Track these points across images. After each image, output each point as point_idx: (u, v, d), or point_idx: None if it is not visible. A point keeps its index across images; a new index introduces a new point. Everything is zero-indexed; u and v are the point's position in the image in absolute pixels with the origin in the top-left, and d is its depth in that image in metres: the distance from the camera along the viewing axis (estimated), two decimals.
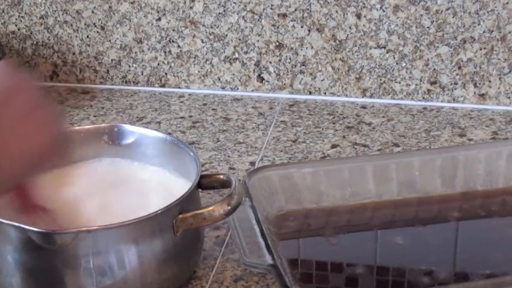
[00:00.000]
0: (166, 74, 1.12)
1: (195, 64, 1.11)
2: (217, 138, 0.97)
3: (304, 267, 0.73)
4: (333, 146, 0.95)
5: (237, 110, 1.06)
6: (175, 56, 1.11)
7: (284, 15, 1.06)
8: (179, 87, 1.13)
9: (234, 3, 1.07)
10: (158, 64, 1.12)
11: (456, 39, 1.03)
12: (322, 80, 1.08)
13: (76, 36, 1.13)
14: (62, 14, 1.12)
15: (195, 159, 0.69)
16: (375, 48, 1.06)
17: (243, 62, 1.09)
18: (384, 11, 1.04)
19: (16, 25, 1.14)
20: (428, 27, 1.03)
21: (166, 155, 0.74)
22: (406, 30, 1.04)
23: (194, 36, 1.10)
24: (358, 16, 1.04)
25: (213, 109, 1.06)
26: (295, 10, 1.06)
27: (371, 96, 1.08)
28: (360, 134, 0.98)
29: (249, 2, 1.06)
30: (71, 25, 1.12)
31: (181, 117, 1.04)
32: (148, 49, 1.11)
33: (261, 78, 1.10)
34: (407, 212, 0.81)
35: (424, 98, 1.07)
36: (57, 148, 0.59)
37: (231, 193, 0.65)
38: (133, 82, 1.14)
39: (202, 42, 1.10)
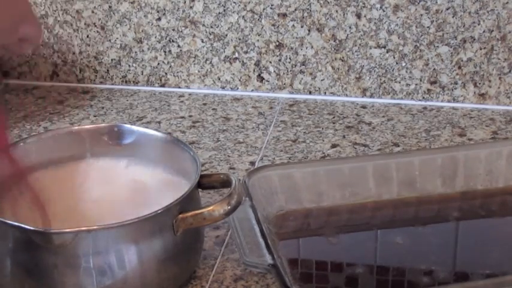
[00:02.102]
0: (166, 73, 1.12)
1: (195, 64, 1.11)
2: (217, 138, 0.97)
3: (304, 267, 0.73)
4: (333, 146, 0.95)
5: (237, 110, 1.06)
6: (175, 56, 1.11)
7: (284, 15, 1.06)
8: (179, 87, 1.13)
9: (234, 3, 1.07)
10: (158, 64, 1.12)
11: (456, 39, 1.03)
12: (322, 80, 1.08)
13: (76, 36, 1.13)
14: (62, 14, 1.12)
15: (195, 158, 0.69)
16: (375, 48, 1.06)
17: (243, 61, 1.09)
18: (383, 11, 1.04)
19: None
20: (428, 27, 1.03)
21: (166, 155, 0.74)
22: (406, 30, 1.04)
23: (194, 36, 1.09)
24: (358, 16, 1.04)
25: (213, 109, 1.06)
26: (295, 10, 1.06)
27: (371, 96, 1.08)
28: (360, 134, 0.98)
29: (249, 2, 1.06)
30: (71, 25, 1.12)
31: (181, 117, 1.04)
32: (148, 49, 1.11)
33: (261, 78, 1.10)
34: (407, 212, 0.81)
35: (424, 97, 1.07)
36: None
37: (231, 193, 0.65)
38: (133, 82, 1.14)
39: (202, 42, 1.09)
